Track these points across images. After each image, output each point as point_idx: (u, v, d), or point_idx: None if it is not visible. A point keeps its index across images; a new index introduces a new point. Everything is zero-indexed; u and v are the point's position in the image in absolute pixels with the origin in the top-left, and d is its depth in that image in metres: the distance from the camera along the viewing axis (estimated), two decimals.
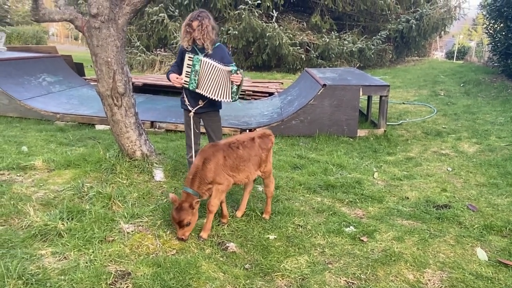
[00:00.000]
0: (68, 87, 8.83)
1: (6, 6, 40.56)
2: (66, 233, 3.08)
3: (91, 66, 15.10)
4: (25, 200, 3.56)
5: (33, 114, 7.03)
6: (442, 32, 18.49)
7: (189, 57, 3.77)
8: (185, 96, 3.99)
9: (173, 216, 3.12)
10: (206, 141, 4.10)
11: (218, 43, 3.89)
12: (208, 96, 3.81)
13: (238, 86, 3.77)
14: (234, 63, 3.88)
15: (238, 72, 3.71)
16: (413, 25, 16.38)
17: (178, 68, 3.92)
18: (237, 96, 3.85)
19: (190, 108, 3.95)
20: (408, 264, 2.98)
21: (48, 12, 4.09)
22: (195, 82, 3.81)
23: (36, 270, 2.60)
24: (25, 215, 3.30)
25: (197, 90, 3.82)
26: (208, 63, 3.72)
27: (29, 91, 7.64)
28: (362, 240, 3.32)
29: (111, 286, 2.54)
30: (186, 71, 3.81)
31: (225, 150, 3.34)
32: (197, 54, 3.78)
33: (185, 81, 3.83)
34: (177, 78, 3.84)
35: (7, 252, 2.78)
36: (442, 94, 10.46)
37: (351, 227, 3.55)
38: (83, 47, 27.63)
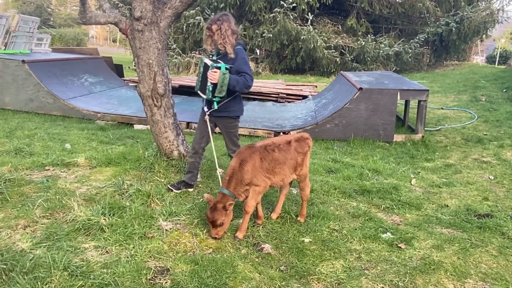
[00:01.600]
0: (109, 88, 9.14)
1: (49, 9, 42.43)
2: (107, 228, 3.19)
3: (129, 67, 15.57)
4: (69, 195, 3.71)
5: (75, 113, 7.32)
6: (484, 36, 17.85)
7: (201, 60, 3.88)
8: None
9: (207, 215, 3.18)
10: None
11: (239, 46, 3.81)
12: (199, 94, 3.84)
13: (214, 84, 3.64)
14: (250, 69, 3.81)
15: (214, 70, 3.60)
16: (453, 28, 15.91)
17: None
18: (212, 95, 3.70)
19: (205, 109, 3.90)
20: (448, 274, 2.90)
21: (95, 15, 4.25)
22: (199, 84, 3.85)
23: (81, 263, 2.70)
24: (69, 210, 3.44)
25: (199, 92, 3.86)
26: (206, 63, 3.72)
27: (72, 91, 7.97)
28: (400, 247, 3.26)
29: (150, 281, 2.61)
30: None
31: (261, 152, 3.36)
32: (216, 57, 3.80)
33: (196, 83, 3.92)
34: None
35: (53, 245, 2.91)
36: (483, 99, 10.09)
37: (388, 233, 3.49)
38: (121, 49, 28.46)
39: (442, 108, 9.46)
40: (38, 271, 2.51)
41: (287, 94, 10.15)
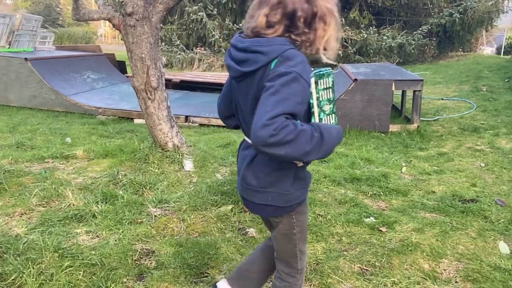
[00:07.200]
0: (111, 84, 9.31)
1: (58, 9, 42.91)
2: (99, 214, 3.34)
3: None
4: (65, 185, 3.86)
5: (77, 108, 7.50)
6: (489, 26, 17.66)
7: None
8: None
9: None
10: None
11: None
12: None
13: None
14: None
15: None
16: (457, 19, 15.77)
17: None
18: None
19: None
20: (424, 254, 3.00)
21: (88, 11, 4.40)
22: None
23: (71, 246, 2.86)
24: (64, 198, 3.60)
25: None
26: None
27: (74, 87, 8.16)
28: (381, 230, 3.36)
29: (136, 261, 2.76)
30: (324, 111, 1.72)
31: None
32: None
33: None
34: None
35: (47, 230, 3.07)
36: (484, 89, 10.06)
37: (371, 217, 3.59)
38: None
39: (442, 99, 9.46)
40: (30, 253, 2.66)
41: None
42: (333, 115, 1.76)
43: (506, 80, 10.75)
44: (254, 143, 1.42)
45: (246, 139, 1.81)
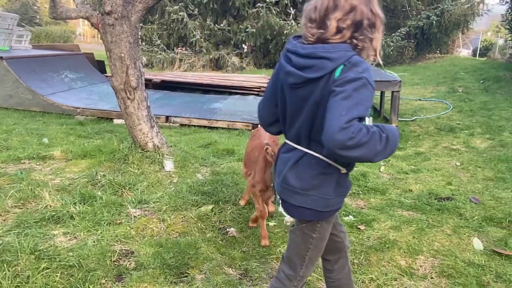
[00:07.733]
0: (89, 84, 9.17)
1: (35, 7, 41.97)
2: (77, 216, 3.29)
3: None
4: (42, 186, 3.79)
5: (55, 108, 7.36)
6: (465, 29, 18.11)
7: None
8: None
9: None
10: None
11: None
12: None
13: None
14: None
15: None
16: (434, 22, 16.10)
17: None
18: None
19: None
20: (401, 251, 3.06)
21: (65, 10, 4.33)
22: None
23: (48, 247, 2.81)
24: (41, 199, 3.53)
25: None
26: None
27: (52, 87, 8.00)
28: (359, 228, 3.42)
29: (115, 262, 2.73)
30: None
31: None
32: None
33: None
34: None
35: (23, 231, 3.01)
36: (460, 90, 10.31)
37: (350, 216, 3.65)
38: None
39: (419, 100, 9.65)
40: (5, 255, 2.61)
41: None
42: (371, 118, 1.83)
43: (481, 82, 11.04)
44: (330, 146, 1.46)
45: (288, 142, 1.81)
